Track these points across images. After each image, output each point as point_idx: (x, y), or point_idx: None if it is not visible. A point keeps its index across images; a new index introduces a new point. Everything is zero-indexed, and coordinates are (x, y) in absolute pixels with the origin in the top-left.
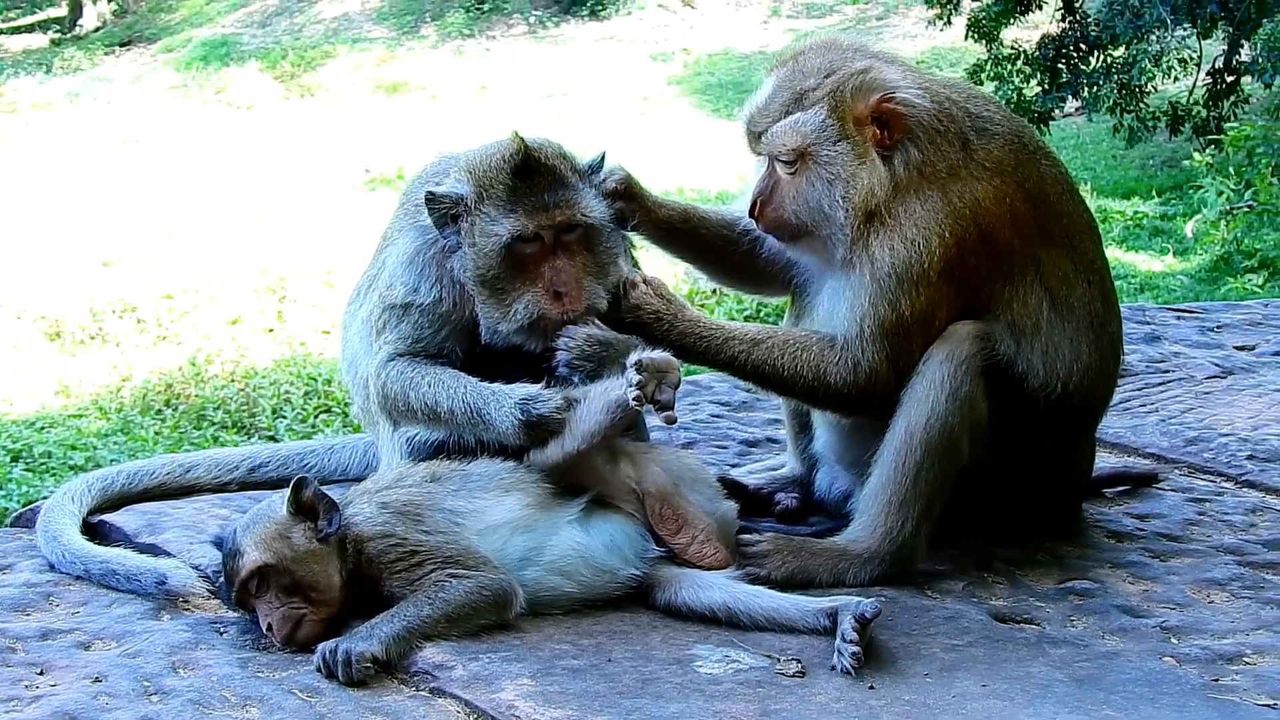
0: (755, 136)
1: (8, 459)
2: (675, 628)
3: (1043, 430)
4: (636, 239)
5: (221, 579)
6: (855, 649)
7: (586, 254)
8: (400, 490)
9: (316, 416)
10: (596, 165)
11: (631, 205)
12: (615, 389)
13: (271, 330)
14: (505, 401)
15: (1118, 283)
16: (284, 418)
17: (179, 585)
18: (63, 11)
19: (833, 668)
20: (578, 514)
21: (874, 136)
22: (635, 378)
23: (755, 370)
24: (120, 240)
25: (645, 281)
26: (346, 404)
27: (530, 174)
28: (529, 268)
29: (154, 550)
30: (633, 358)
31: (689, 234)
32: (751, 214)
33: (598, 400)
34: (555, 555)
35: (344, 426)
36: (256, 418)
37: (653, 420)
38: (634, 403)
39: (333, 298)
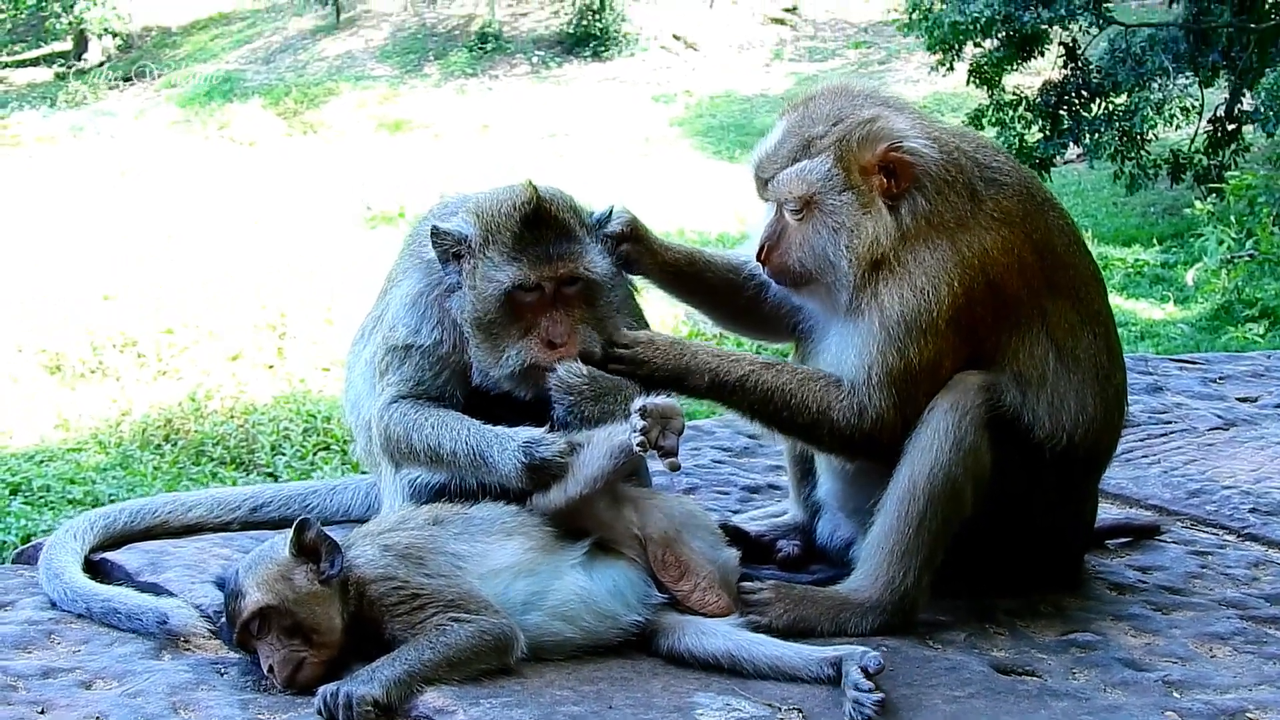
0: (763, 183)
1: (7, 492)
2: (676, 675)
3: (1047, 481)
4: (640, 281)
5: (223, 619)
6: (878, 695)
7: (586, 307)
8: (403, 533)
9: (315, 453)
10: (604, 219)
11: (637, 248)
12: (619, 434)
13: (271, 366)
14: (508, 444)
15: (1118, 331)
16: (283, 454)
17: (180, 625)
18: (68, 45)
19: (850, 718)
20: (580, 559)
21: (880, 185)
22: (639, 423)
23: (762, 395)
24: (121, 274)
25: (643, 330)
26: (346, 441)
27: (539, 224)
28: (526, 316)
29: (156, 589)
30: (637, 403)
31: (694, 277)
32: (759, 259)
33: (601, 445)
34: (557, 600)
35: (343, 464)
36: (256, 454)
37: (655, 465)
38: (637, 448)
39: (332, 334)
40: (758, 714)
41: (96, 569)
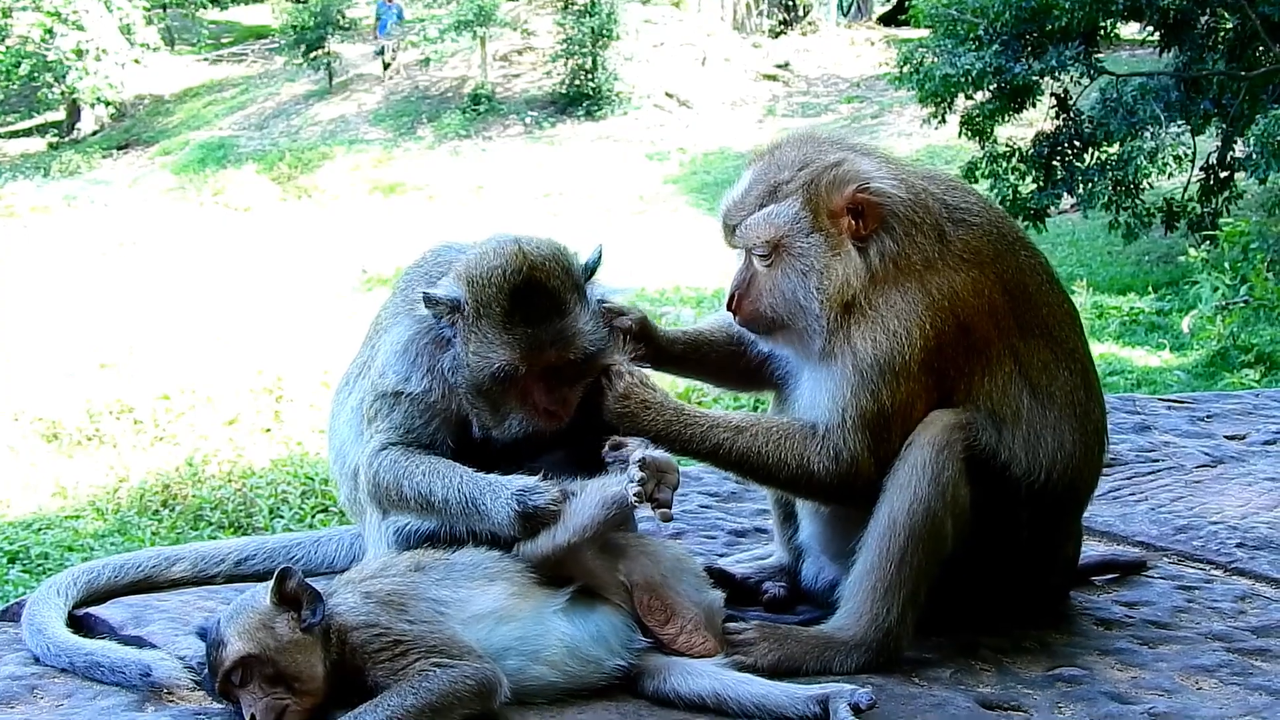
0: (731, 229)
1: (4, 560)
2: (661, 716)
3: (1027, 518)
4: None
5: (205, 669)
6: None
7: (580, 375)
8: (384, 580)
9: (314, 516)
10: (593, 265)
11: (647, 348)
12: (612, 485)
13: (269, 430)
14: (502, 493)
15: (1114, 379)
16: (281, 517)
17: (164, 676)
18: (61, 115)
19: None
20: (564, 604)
21: (849, 228)
22: (638, 474)
23: (740, 457)
24: (118, 341)
25: (630, 372)
26: None
27: (529, 299)
28: (521, 386)
29: (139, 642)
30: (636, 455)
31: (698, 361)
32: (729, 308)
33: (594, 494)
34: (540, 645)
35: (341, 526)
36: (254, 518)
37: (642, 511)
38: (634, 499)
39: (329, 397)
40: None
41: (80, 624)
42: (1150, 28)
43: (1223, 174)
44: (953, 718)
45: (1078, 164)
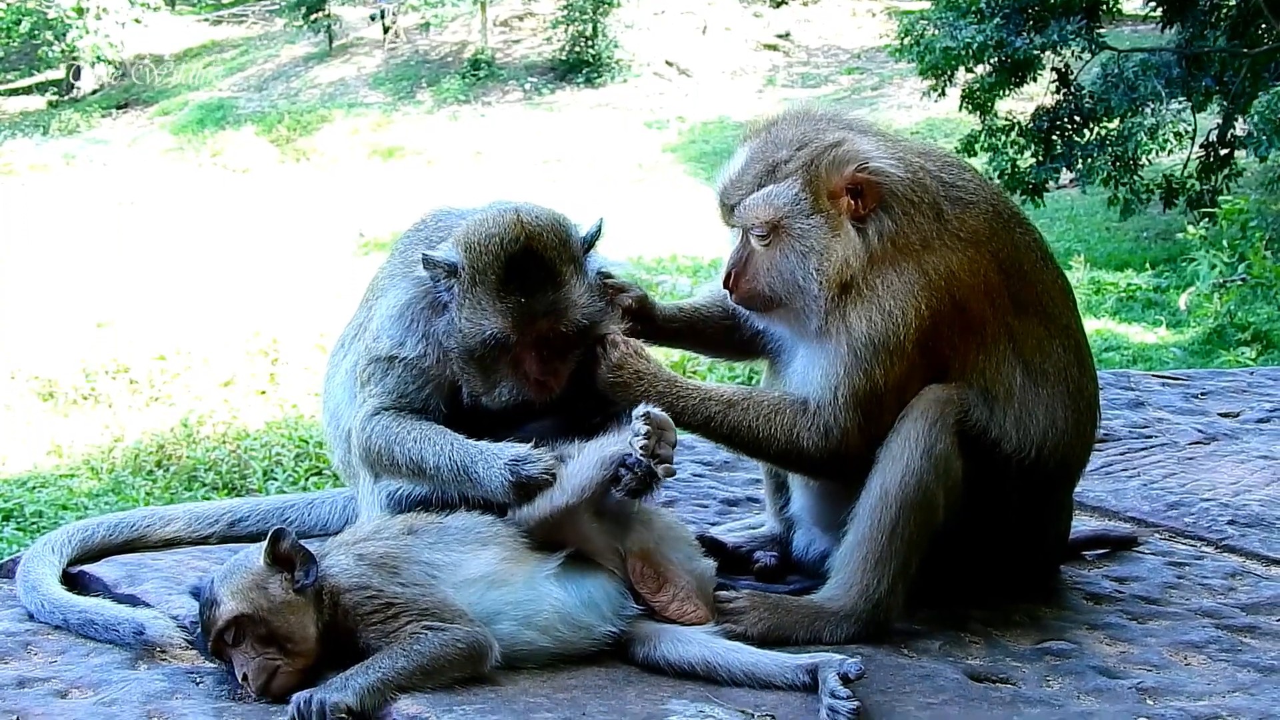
0: (728, 209)
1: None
2: (651, 683)
3: (1017, 493)
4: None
5: (198, 629)
6: (854, 704)
7: (573, 345)
8: (377, 542)
9: (308, 478)
10: (592, 237)
11: (644, 326)
12: (610, 445)
13: (264, 392)
14: (495, 462)
15: (1110, 355)
16: (275, 479)
17: (157, 635)
18: (61, 74)
19: None
20: (556, 570)
21: (848, 207)
22: (644, 428)
23: (731, 431)
24: (114, 301)
25: (625, 342)
26: None
27: (524, 268)
28: (513, 354)
29: (133, 601)
30: (640, 409)
31: (694, 336)
32: (726, 286)
33: (592, 454)
34: (531, 610)
35: (335, 488)
36: (248, 479)
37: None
38: (640, 453)
39: (325, 361)
40: None
41: (74, 581)
42: (1153, 3)
43: (1223, 152)
44: (941, 689)
45: (1077, 139)
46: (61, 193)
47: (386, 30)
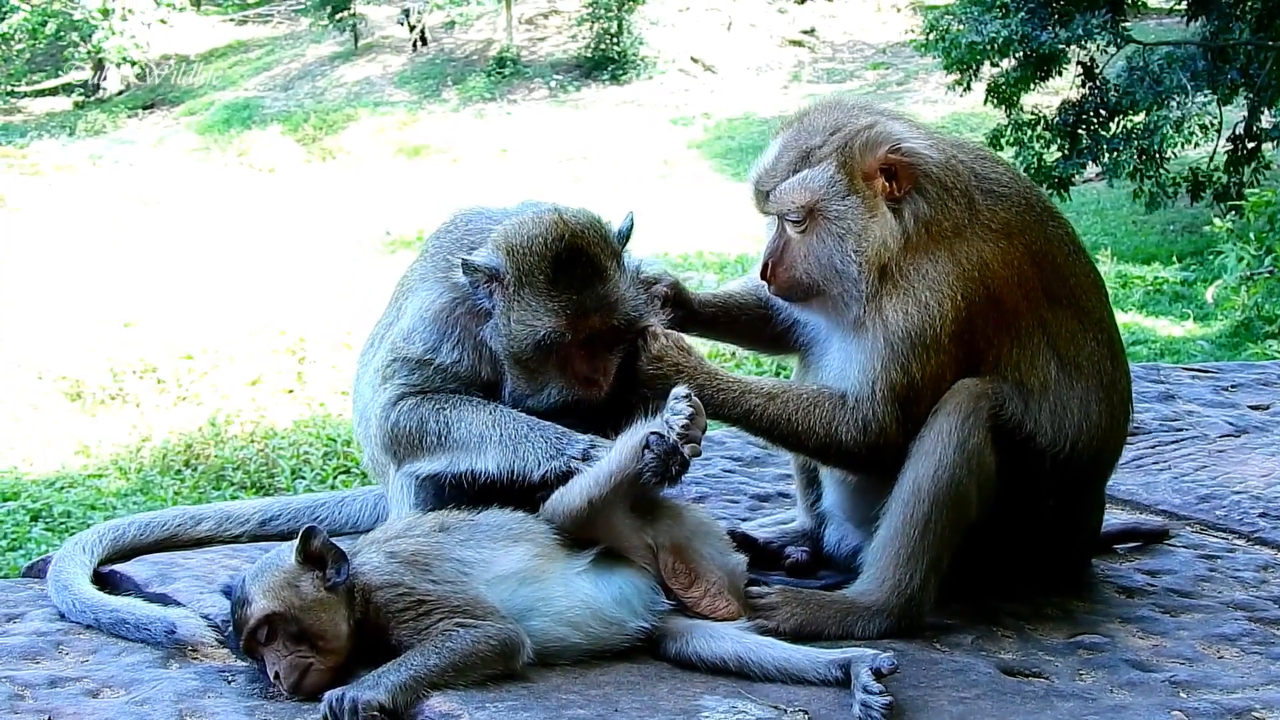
0: (763, 196)
1: (28, 518)
2: (682, 678)
3: (1051, 487)
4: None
5: (230, 627)
6: (887, 699)
7: (620, 341)
8: (409, 540)
9: (336, 477)
10: (626, 232)
11: (679, 312)
12: (638, 433)
13: (291, 391)
14: (546, 431)
15: (1138, 348)
16: (303, 478)
17: (188, 634)
18: (86, 74)
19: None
20: (587, 566)
21: (883, 189)
22: (686, 409)
23: (770, 424)
24: (141, 301)
25: (665, 334)
26: None
27: (571, 265)
28: (562, 353)
29: (164, 600)
30: (680, 390)
31: (729, 324)
32: (763, 276)
33: (625, 442)
34: (563, 606)
35: (365, 487)
36: (276, 478)
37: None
38: (679, 429)
39: (352, 359)
40: (764, 716)
41: (105, 581)
42: None
43: (1249, 144)
44: (974, 683)
45: (1103, 133)
46: (88, 193)
47: (413, 29)
